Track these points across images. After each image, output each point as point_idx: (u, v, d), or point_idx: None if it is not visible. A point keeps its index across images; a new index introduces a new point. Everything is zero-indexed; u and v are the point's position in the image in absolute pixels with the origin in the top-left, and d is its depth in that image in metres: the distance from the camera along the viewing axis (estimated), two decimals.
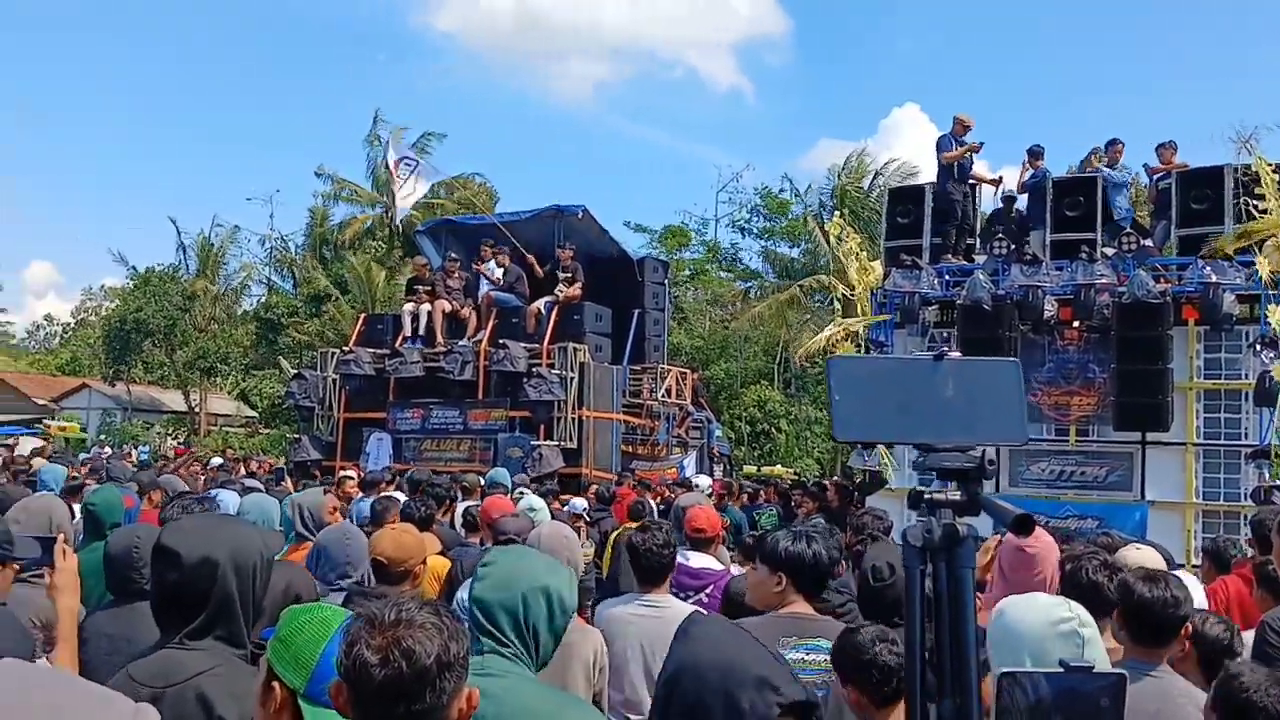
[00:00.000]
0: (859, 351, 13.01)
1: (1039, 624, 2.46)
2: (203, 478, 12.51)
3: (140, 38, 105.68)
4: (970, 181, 13.45)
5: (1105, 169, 12.70)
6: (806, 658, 3.41)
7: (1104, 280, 11.65)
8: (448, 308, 17.59)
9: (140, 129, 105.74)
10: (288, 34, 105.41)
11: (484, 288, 17.70)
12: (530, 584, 2.53)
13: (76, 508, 5.72)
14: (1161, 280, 11.51)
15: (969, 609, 1.47)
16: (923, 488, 1.58)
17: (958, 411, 1.56)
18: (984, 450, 1.54)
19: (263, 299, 42.76)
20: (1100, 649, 2.52)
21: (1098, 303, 11.64)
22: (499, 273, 17.63)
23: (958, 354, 1.59)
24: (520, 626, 2.43)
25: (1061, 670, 1.63)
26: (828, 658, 3.33)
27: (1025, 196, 13.25)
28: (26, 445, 25.19)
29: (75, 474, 9.26)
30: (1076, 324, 12.16)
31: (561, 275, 17.17)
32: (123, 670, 2.43)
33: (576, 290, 17.09)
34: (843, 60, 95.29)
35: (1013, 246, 12.50)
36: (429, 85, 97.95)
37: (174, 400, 46.38)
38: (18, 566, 3.26)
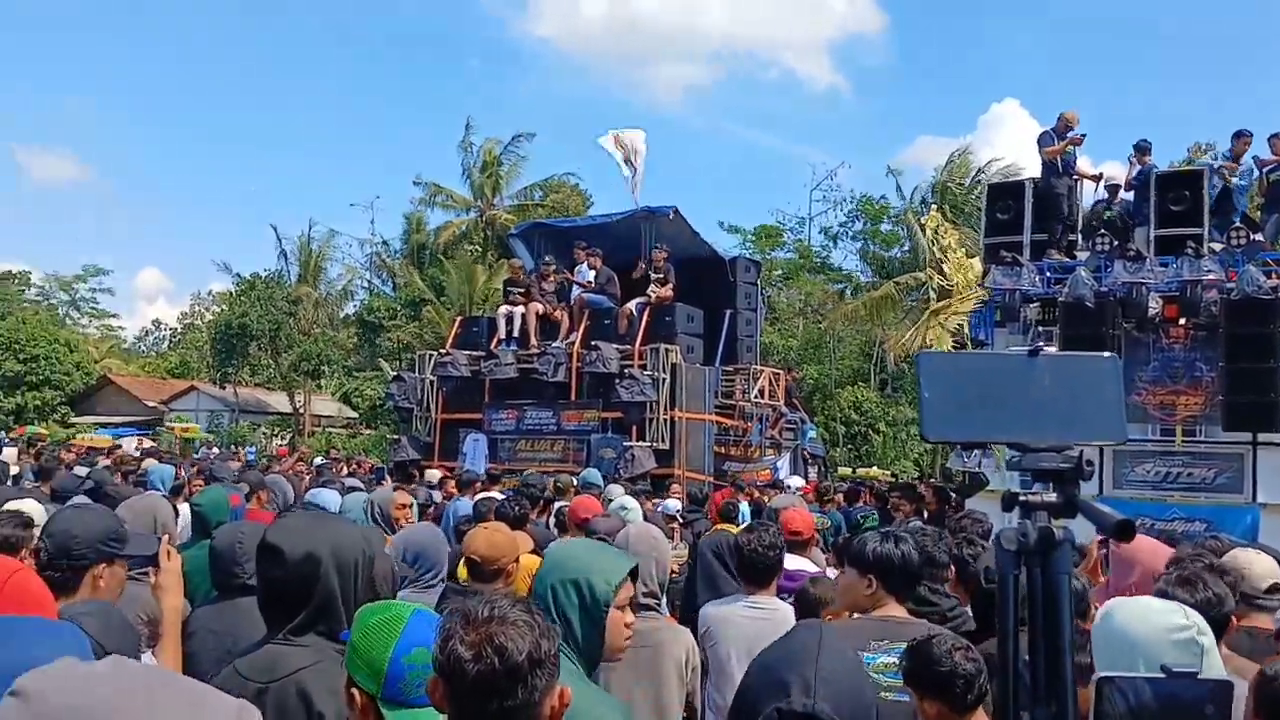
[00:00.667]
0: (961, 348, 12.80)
1: (1154, 631, 2.35)
2: (308, 477, 12.81)
3: (235, 48, 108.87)
4: (1074, 177, 13.13)
5: (1235, 179, 12.25)
6: (897, 662, 3.35)
7: (1211, 276, 11.29)
8: (541, 310, 17.75)
9: (240, 134, 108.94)
10: (383, 42, 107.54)
11: (576, 289, 17.84)
12: (561, 576, 2.58)
13: (182, 508, 5.90)
14: (1273, 275, 11.11)
15: (1065, 614, 1.42)
16: (1018, 489, 1.53)
17: (1054, 409, 1.50)
18: (1081, 450, 1.48)
19: (364, 303, 43.76)
20: (1216, 658, 2.41)
21: (1205, 299, 11.30)
22: (591, 275, 17.75)
23: (1053, 349, 1.53)
24: (551, 618, 2.44)
25: (1164, 676, 1.57)
26: None
27: (1132, 193, 12.87)
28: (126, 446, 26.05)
29: (180, 475, 9.56)
30: (1182, 321, 11.80)
31: (653, 276, 17.19)
32: (229, 665, 2.51)
33: (668, 291, 17.10)
34: (940, 56, 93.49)
35: (1116, 243, 12.17)
36: (524, 91, 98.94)
37: (279, 402, 47.69)
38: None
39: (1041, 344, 1.52)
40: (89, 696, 1.10)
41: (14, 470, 11.10)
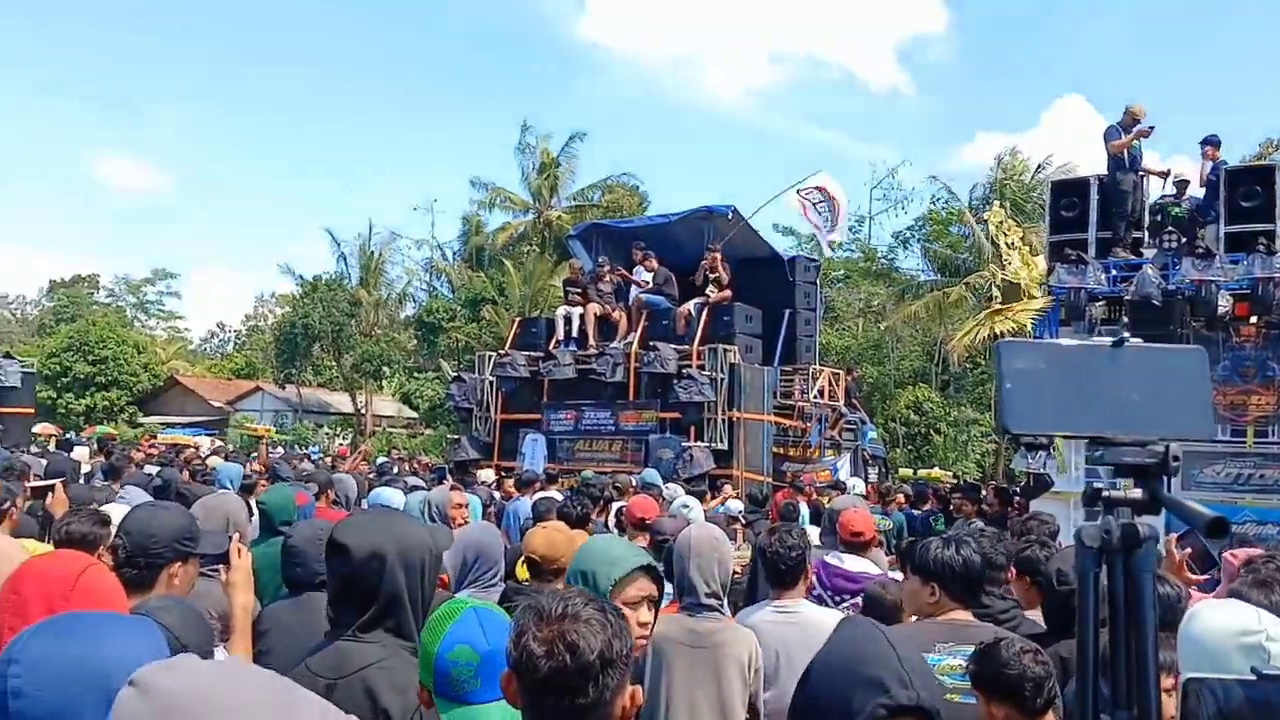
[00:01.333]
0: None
1: (1222, 634, 2.27)
2: (371, 476, 12.97)
3: (298, 55, 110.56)
4: (1140, 173, 12.86)
5: None
6: (963, 664, 3.32)
7: None
8: (600, 311, 17.79)
9: (303, 140, 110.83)
10: (445, 48, 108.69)
11: (634, 289, 17.84)
12: (575, 567, 2.80)
13: (254, 504, 6.01)
14: None
15: (1149, 614, 1.38)
16: (1098, 484, 1.48)
17: (1138, 402, 1.46)
18: (1167, 444, 1.44)
19: (424, 304, 44.18)
20: None
21: (1276, 297, 11.03)
22: (648, 275, 17.75)
23: (1139, 340, 1.47)
24: None
25: (1254, 678, 1.52)
26: None
27: (1203, 190, 12.58)
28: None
29: (249, 473, 9.73)
30: (1253, 320, 11.53)
31: (710, 276, 17.15)
32: (301, 663, 2.54)
33: (726, 291, 17.06)
34: (1004, 53, 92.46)
35: (1184, 239, 11.91)
36: (584, 93, 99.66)
37: (341, 402, 48.35)
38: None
39: (1126, 334, 1.46)
40: (205, 693, 1.13)
41: (85, 469, 11.36)
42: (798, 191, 17.91)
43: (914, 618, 3.81)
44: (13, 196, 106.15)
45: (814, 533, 7.26)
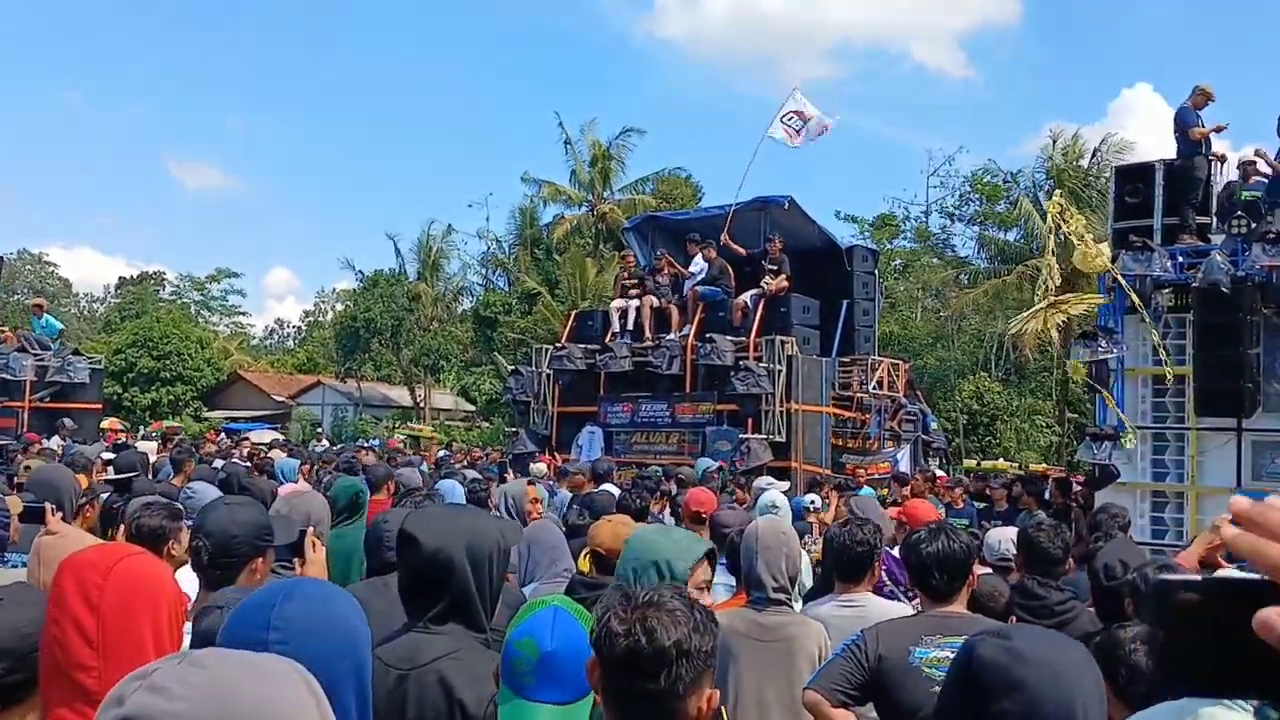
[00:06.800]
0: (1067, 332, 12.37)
1: None
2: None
3: (357, 55, 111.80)
4: (1211, 158, 12.54)
5: None
6: (950, 656, 3.32)
7: None
8: (656, 303, 17.76)
9: (363, 138, 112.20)
10: (504, 45, 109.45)
11: (689, 281, 17.79)
12: (641, 559, 2.80)
13: None
14: None
15: None
16: None
17: None
18: None
19: (480, 298, 44.47)
20: None
21: None
22: (704, 266, 17.68)
23: None
24: None
25: None
26: None
27: (1271, 173, 12.23)
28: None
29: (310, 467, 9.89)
30: None
31: (768, 267, 17.06)
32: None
33: (784, 282, 16.95)
34: (1069, 42, 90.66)
35: (1253, 224, 11.61)
36: (646, 90, 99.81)
37: (400, 395, 48.83)
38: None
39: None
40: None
41: (154, 460, 11.59)
42: (781, 120, 18.14)
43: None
44: (92, 201, 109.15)
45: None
